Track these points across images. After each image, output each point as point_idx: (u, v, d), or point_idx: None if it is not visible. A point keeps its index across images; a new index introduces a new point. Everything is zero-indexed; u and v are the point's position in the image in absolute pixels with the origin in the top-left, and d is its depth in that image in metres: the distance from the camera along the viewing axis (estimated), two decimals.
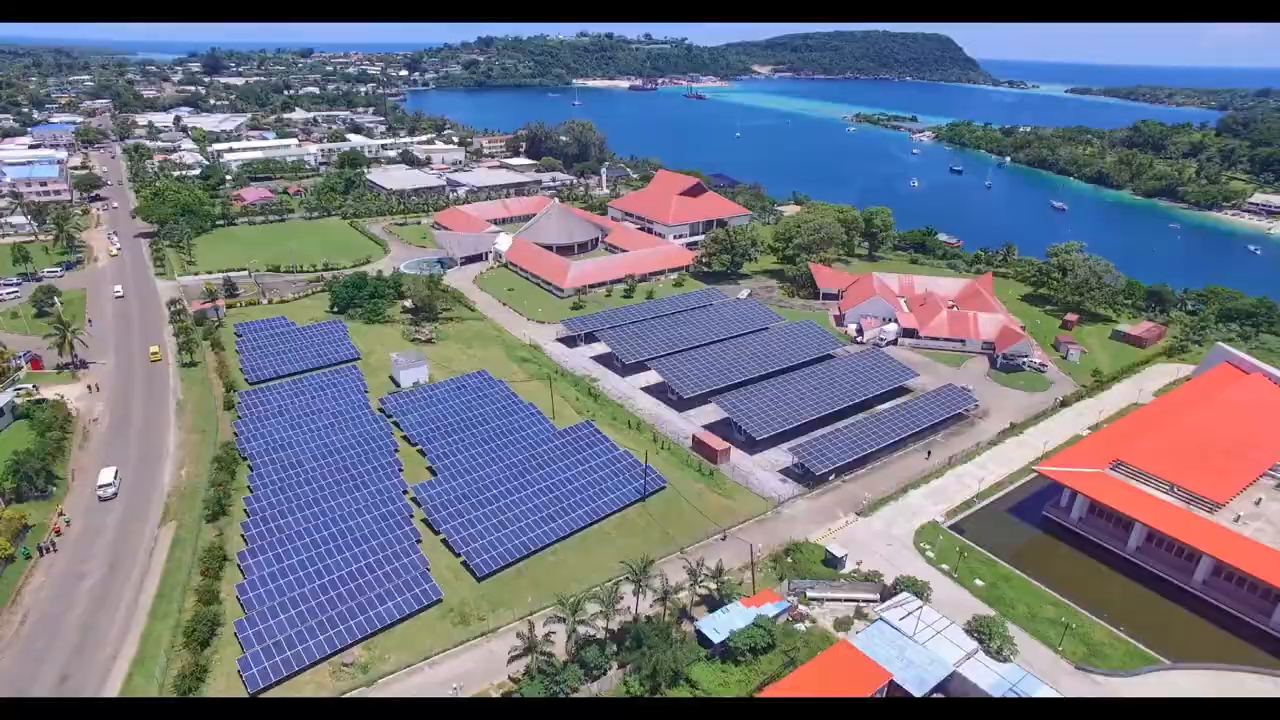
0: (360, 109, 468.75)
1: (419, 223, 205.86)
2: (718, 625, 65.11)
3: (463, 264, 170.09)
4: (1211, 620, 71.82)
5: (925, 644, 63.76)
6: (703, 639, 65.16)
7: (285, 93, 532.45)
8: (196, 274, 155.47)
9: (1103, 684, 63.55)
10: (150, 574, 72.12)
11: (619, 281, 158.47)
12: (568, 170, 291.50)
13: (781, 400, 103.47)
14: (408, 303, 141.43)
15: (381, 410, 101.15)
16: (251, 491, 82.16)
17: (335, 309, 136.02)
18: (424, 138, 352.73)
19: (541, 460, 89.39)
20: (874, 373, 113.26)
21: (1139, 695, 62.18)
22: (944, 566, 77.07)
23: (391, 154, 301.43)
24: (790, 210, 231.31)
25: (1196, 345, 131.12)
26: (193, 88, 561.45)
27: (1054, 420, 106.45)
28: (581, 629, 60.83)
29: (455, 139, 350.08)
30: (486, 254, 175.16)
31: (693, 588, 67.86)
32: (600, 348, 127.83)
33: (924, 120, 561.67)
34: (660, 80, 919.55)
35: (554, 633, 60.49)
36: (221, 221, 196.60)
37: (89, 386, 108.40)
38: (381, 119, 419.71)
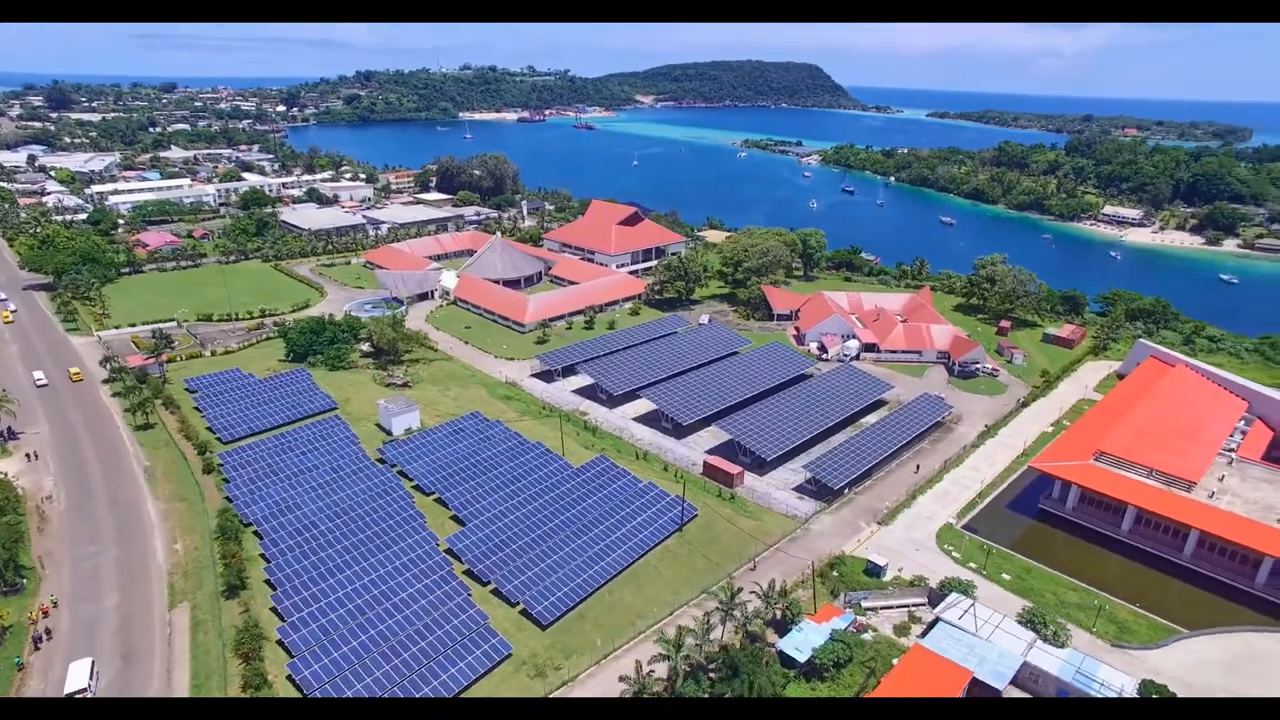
0: (243, 146, 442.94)
1: (348, 263, 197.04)
2: (798, 644, 66.32)
3: (411, 303, 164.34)
4: (1204, 588, 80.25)
5: (989, 639, 67.67)
6: (785, 659, 66.14)
7: (152, 129, 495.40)
8: (118, 328, 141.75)
9: (1139, 657, 69.55)
10: (176, 664, 65.08)
11: (579, 313, 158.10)
12: (484, 204, 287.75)
13: (778, 420, 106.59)
14: (365, 346, 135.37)
15: (382, 460, 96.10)
16: (269, 561, 75.84)
17: (292, 356, 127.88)
18: (324, 175, 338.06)
19: (568, 499, 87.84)
20: (854, 388, 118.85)
21: (1172, 663, 68.51)
22: (971, 565, 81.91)
23: (295, 192, 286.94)
24: (710, 235, 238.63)
25: (1114, 343, 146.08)
26: (38, 124, 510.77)
27: (1020, 420, 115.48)
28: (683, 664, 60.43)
29: (363, 176, 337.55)
30: (432, 292, 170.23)
31: (769, 610, 68.81)
32: (579, 380, 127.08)
33: (807, 144, 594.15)
34: (547, 111, 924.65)
35: (653, 671, 59.77)
36: (127, 269, 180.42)
37: (28, 456, 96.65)
38: (270, 156, 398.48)
